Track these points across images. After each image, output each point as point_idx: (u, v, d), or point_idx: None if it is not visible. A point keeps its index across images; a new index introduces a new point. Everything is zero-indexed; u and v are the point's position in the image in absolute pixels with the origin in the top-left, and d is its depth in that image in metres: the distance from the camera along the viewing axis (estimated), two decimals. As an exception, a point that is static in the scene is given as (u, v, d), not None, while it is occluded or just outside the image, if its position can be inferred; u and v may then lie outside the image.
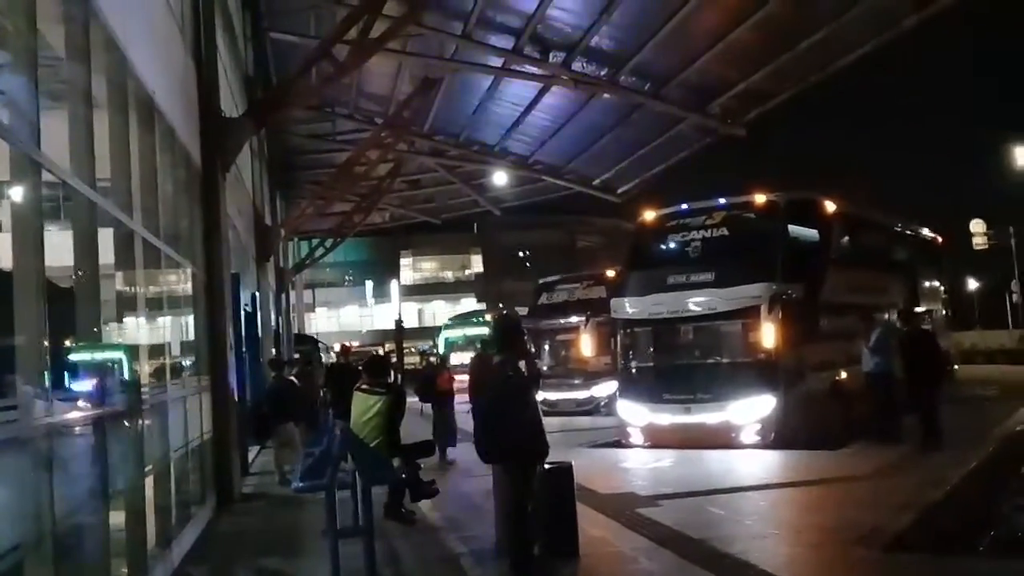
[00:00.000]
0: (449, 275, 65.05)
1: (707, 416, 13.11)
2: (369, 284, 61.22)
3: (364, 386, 7.21)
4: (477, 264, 64.26)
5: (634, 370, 14.38)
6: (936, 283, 21.42)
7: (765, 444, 12.65)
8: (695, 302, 13.37)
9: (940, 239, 22.19)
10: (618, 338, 14.65)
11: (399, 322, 50.76)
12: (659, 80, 20.36)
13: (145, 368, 7.73)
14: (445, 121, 25.07)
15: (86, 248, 5.78)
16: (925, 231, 21.52)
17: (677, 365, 13.84)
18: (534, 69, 20.22)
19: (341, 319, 61.02)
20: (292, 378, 13.68)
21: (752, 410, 12.79)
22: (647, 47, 18.75)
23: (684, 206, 14.61)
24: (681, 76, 19.95)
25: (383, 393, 7.03)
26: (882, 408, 12.57)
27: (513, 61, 20.01)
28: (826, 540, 7.26)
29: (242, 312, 13.98)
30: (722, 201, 14.31)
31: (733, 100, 20.57)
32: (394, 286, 52.44)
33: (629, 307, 14.32)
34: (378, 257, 61.77)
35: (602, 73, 20.30)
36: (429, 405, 14.65)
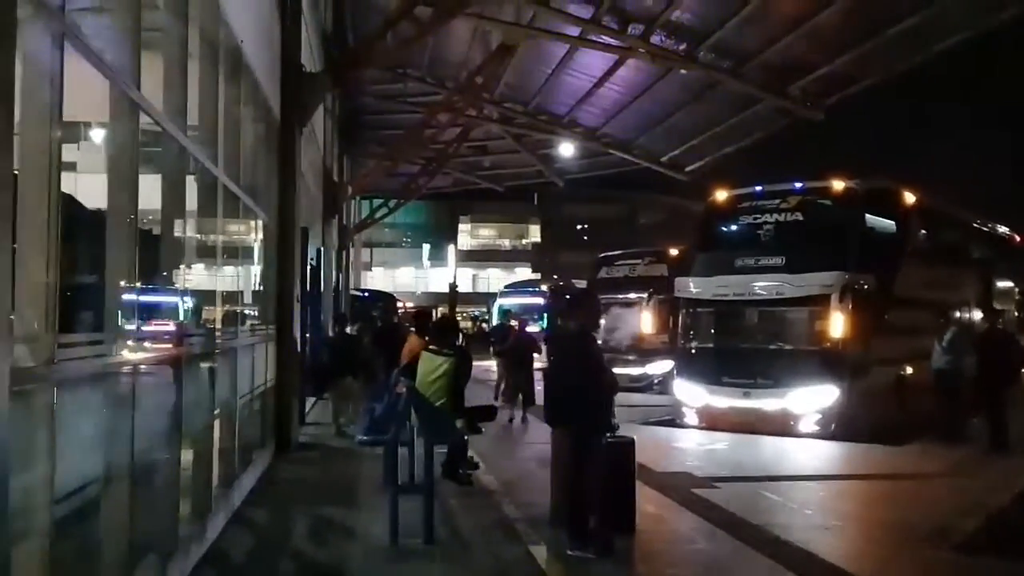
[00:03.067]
0: (506, 243, 65.05)
1: (766, 402, 12.95)
2: (426, 247, 61.57)
3: (432, 347, 7.26)
4: (535, 234, 64.13)
5: (694, 351, 14.24)
6: (1010, 283, 20.76)
7: (825, 434, 12.46)
8: (763, 286, 13.18)
9: (1018, 238, 21.47)
10: (680, 317, 14.51)
11: (453, 286, 51.04)
12: (739, 58, 19.89)
13: (219, 314, 7.88)
14: (516, 88, 24.89)
15: (175, 193, 5.87)
16: (1002, 229, 20.85)
17: (739, 348, 13.66)
18: (611, 40, 19.92)
19: (397, 279, 61.47)
20: (353, 333, 13.88)
21: (814, 399, 12.60)
22: (729, 24, 18.30)
23: (758, 188, 14.34)
24: (762, 56, 19.45)
25: (450, 355, 7.07)
26: (949, 407, 12.29)
27: (590, 31, 19.73)
28: (891, 537, 7.14)
29: (308, 266, 14.15)
30: (798, 185, 14.02)
31: (814, 83, 20.02)
32: (451, 250, 52.68)
33: (694, 287, 14.17)
34: (437, 221, 62.04)
35: (680, 48, 19.92)
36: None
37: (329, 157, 21.16)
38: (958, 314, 14.55)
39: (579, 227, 61.12)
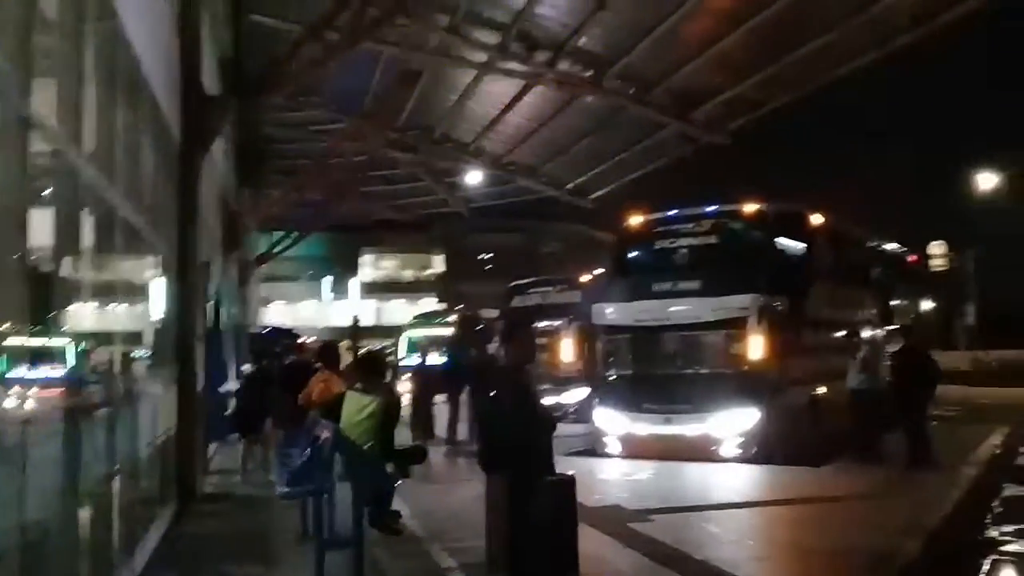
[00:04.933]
0: (409, 274, 64.21)
1: (688, 427, 12.84)
2: (327, 280, 60.20)
3: (358, 385, 6.76)
4: (438, 264, 63.53)
5: (614, 378, 14.04)
6: (908, 302, 21.47)
7: (747, 458, 12.41)
8: (680, 310, 13.11)
9: (914, 257, 22.29)
10: (599, 344, 14.31)
11: (356, 319, 49.85)
12: (644, 84, 20.17)
13: (116, 356, 7.20)
14: (421, 116, 24.59)
15: (68, 227, 5.27)
16: (899, 248, 21.58)
17: (659, 374, 13.51)
18: (518, 67, 19.88)
19: (297, 314, 59.84)
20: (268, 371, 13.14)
21: (735, 423, 12.55)
22: (634, 51, 18.54)
23: (672, 212, 14.34)
24: (667, 82, 19.79)
25: (379, 394, 6.59)
26: (865, 426, 12.42)
27: (497, 58, 19.65)
28: (835, 565, 7.00)
29: (210, 303, 13.39)
30: (710, 209, 14.08)
31: (717, 108, 20.45)
32: (353, 283, 51.69)
33: (611, 313, 14.01)
34: (337, 253, 60.69)
35: (587, 75, 20.03)
36: None
37: (228, 188, 20.31)
38: (872, 333, 14.82)
39: (482, 257, 60.90)
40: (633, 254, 14.66)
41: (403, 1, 13.97)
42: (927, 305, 24.06)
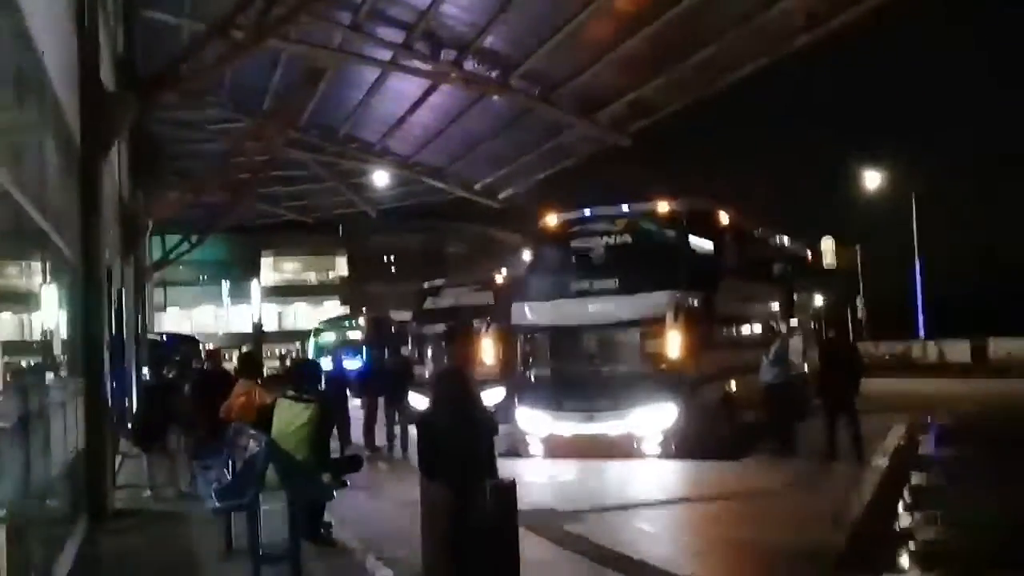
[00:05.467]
0: (312, 277, 63.06)
1: (609, 425, 12.93)
2: (226, 284, 58.48)
3: (291, 393, 6.49)
4: (342, 267, 62.59)
5: (534, 378, 14.03)
6: (807, 296, 22.22)
7: (667, 454, 12.58)
8: (599, 310, 13.21)
9: (810, 254, 23.08)
10: (518, 344, 14.27)
11: (258, 324, 48.66)
12: (550, 85, 20.22)
13: (21, 367, 6.74)
14: (324, 116, 24.03)
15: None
16: (798, 246, 22.32)
17: (579, 373, 13.59)
18: (423, 66, 19.65)
19: (194, 320, 57.99)
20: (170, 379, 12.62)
21: (655, 419, 12.71)
22: (540, 51, 18.56)
23: (587, 211, 14.43)
24: (572, 83, 19.89)
25: (312, 401, 6.34)
26: (781, 419, 12.75)
27: (402, 56, 19.37)
28: (772, 559, 7.10)
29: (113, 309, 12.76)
30: (625, 208, 14.22)
31: (621, 109, 20.70)
32: (254, 286, 50.38)
33: (529, 313, 13.99)
34: (236, 256, 59.03)
35: (493, 74, 19.96)
36: None
37: (125, 189, 19.42)
38: (783, 328, 15.26)
39: (386, 258, 60.30)
40: (550, 253, 14.68)
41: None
42: (822, 299, 24.95)
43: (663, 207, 13.76)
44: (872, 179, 41.79)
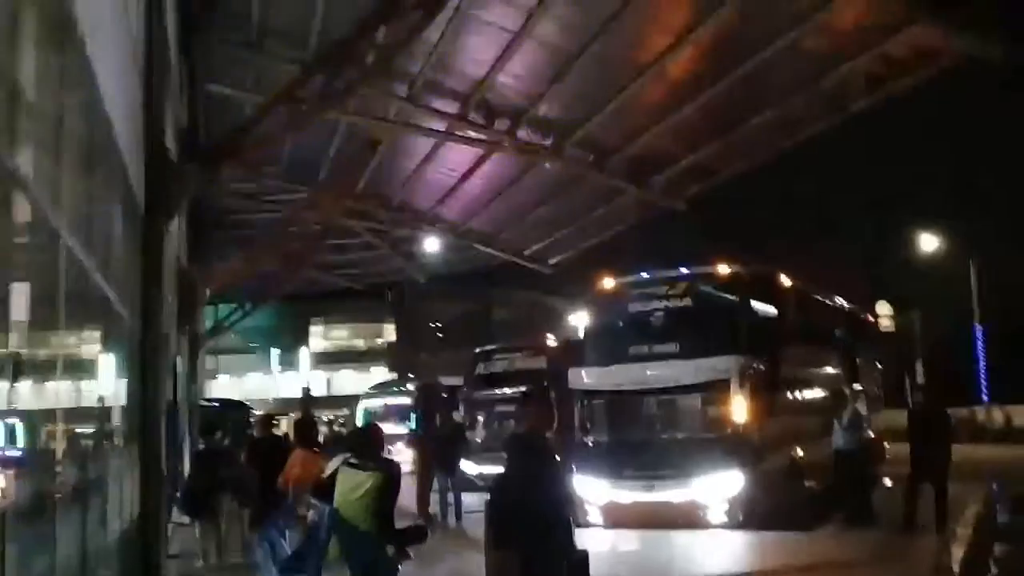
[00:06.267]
0: (361, 343, 63.30)
1: (672, 494, 12.51)
2: (275, 352, 58.98)
3: (353, 461, 6.31)
4: (389, 333, 62.81)
5: (592, 444, 13.68)
6: (867, 360, 21.62)
7: (734, 524, 12.09)
8: (659, 374, 12.90)
9: (872, 318, 22.53)
10: (576, 410, 13.95)
11: (307, 390, 48.75)
12: (603, 152, 20.25)
13: (82, 436, 6.66)
14: (378, 184, 24.35)
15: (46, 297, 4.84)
16: (857, 309, 21.81)
17: (639, 440, 13.22)
18: (477, 135, 19.84)
19: (244, 386, 58.40)
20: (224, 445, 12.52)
21: (720, 488, 12.27)
22: (595, 119, 18.64)
23: (644, 274, 14.25)
24: (626, 149, 19.90)
25: (376, 469, 6.14)
26: (853, 487, 12.22)
27: (457, 126, 19.59)
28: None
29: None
30: (684, 271, 14.02)
31: (677, 174, 20.61)
32: (303, 353, 50.67)
33: (587, 378, 13.72)
34: (285, 324, 59.65)
35: (546, 142, 20.07)
36: None
37: (183, 259, 19.74)
38: (854, 393, 14.76)
39: (433, 325, 60.39)
40: (608, 317, 14.46)
41: (370, 72, 13.80)
42: (880, 364, 24.25)
43: (724, 270, 13.52)
44: (929, 242, 40.99)
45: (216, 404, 30.75)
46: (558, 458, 5.71)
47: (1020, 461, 19.93)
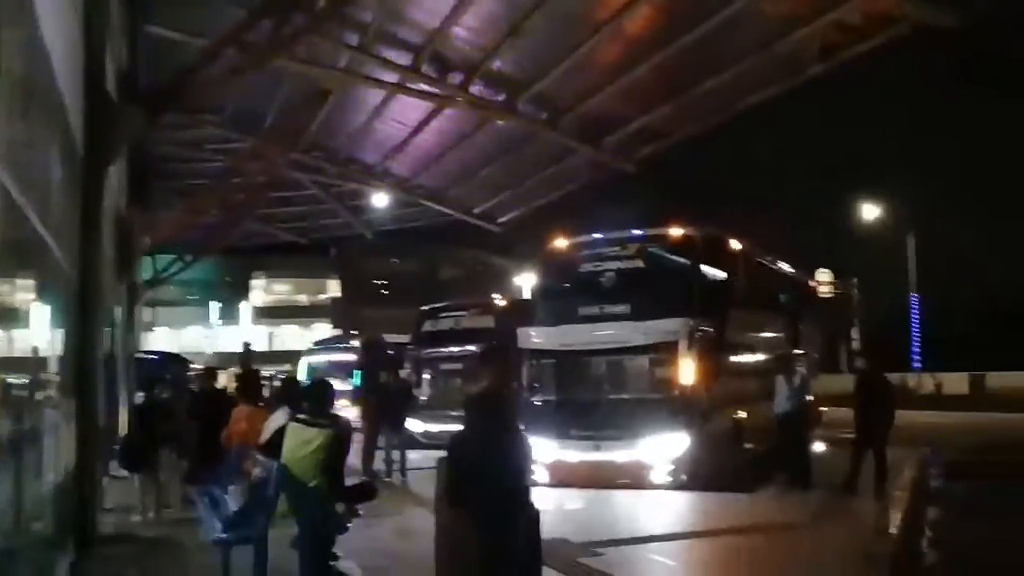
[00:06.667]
0: (303, 298, 62.54)
1: (617, 454, 12.59)
2: (215, 305, 57.96)
3: (301, 416, 6.14)
4: (334, 289, 62.14)
5: (540, 404, 13.67)
6: (810, 326, 21.99)
7: (678, 485, 12.23)
8: (608, 335, 12.89)
9: (813, 283, 22.89)
10: (524, 369, 13.90)
11: (247, 345, 47.96)
12: (556, 110, 20.03)
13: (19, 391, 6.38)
14: (326, 136, 23.80)
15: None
16: (801, 275, 22.12)
17: (587, 400, 13.26)
18: (430, 88, 19.44)
19: (182, 340, 57.37)
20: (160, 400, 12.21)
21: (665, 448, 12.37)
22: (549, 76, 18.38)
23: (596, 235, 14.19)
24: (579, 108, 19.71)
25: (326, 425, 5.99)
26: (795, 451, 12.44)
27: (409, 78, 19.16)
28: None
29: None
30: (636, 232, 13.98)
31: (628, 136, 20.51)
32: (244, 307, 49.86)
33: (537, 337, 13.66)
34: (226, 276, 58.65)
35: (499, 98, 19.77)
36: None
37: (121, 207, 19.08)
38: (800, 358, 14.97)
39: (379, 281, 59.93)
40: (559, 277, 14.40)
41: (320, 18, 13.36)
42: (821, 329, 24.72)
43: (675, 233, 13.51)
44: (870, 212, 41.82)
45: (155, 357, 30.10)
46: (518, 420, 5.64)
47: (951, 427, 20.60)
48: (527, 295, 18.84)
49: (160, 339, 55.34)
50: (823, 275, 43.38)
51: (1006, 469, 13.96)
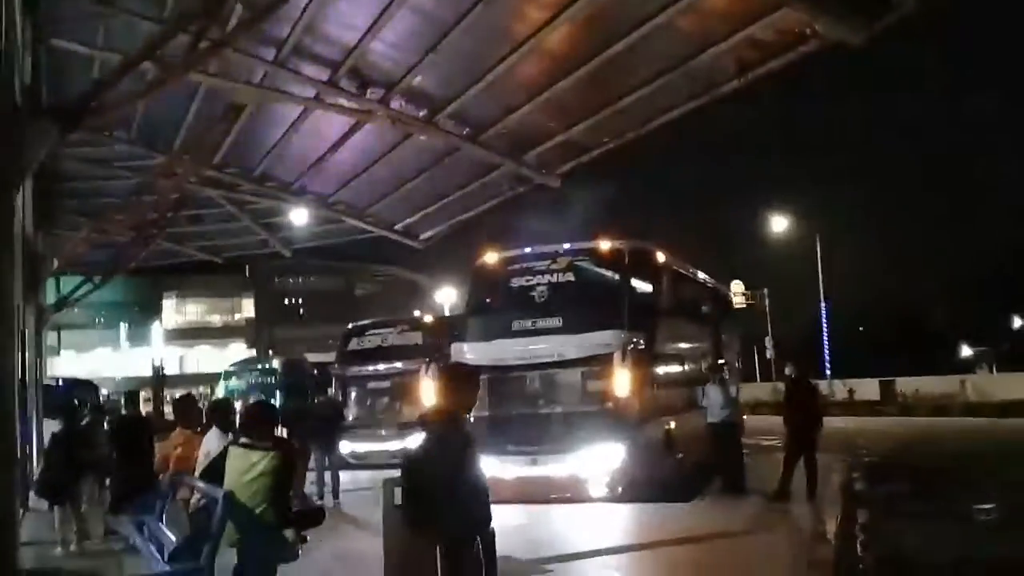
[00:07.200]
0: (217, 319, 60.97)
1: (554, 468, 12.58)
2: (124, 327, 56.00)
3: (244, 440, 5.89)
4: (248, 309, 60.77)
5: (475, 420, 13.49)
6: (731, 336, 22.48)
7: (615, 496, 12.28)
8: (542, 348, 12.90)
9: (732, 295, 23.42)
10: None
11: (159, 368, 46.60)
12: (478, 126, 20.00)
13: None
14: (240, 153, 23.19)
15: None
16: (722, 287, 22.62)
17: (522, 414, 13.23)
18: (348, 103, 19.18)
19: (90, 364, 55.19)
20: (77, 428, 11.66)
21: (601, 461, 12.42)
22: (469, 92, 18.35)
23: (527, 249, 14.22)
24: (502, 123, 19.72)
25: (269, 449, 5.76)
26: (728, 459, 12.63)
27: (327, 93, 18.87)
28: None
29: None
30: (567, 246, 14.07)
31: (550, 150, 20.60)
32: (155, 329, 48.37)
33: (469, 353, 13.57)
34: (135, 297, 56.79)
35: (420, 113, 19.65)
36: None
37: (28, 227, 18.23)
38: (725, 368, 15.25)
39: (293, 301, 58.96)
40: (490, 292, 14.35)
41: (236, 32, 13.03)
42: (737, 339, 25.31)
43: (605, 246, 13.65)
44: (779, 224, 43.12)
45: (60, 383, 28.90)
46: (474, 438, 5.59)
47: (864, 432, 21.31)
48: (449, 311, 18.71)
49: (66, 363, 53.17)
50: (736, 286, 44.53)
51: (923, 473, 14.50)
